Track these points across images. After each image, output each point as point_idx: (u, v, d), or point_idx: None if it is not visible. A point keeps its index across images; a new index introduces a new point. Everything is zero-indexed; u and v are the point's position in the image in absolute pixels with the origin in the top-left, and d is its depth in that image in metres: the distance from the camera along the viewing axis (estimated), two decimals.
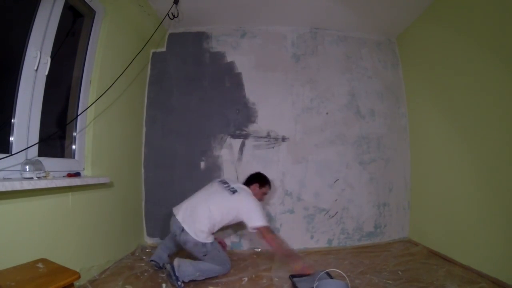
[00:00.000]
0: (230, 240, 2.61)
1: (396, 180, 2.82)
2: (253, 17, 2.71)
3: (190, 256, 1.94)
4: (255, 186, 2.18)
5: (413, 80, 2.81)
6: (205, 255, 1.88)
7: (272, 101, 2.76)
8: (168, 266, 1.78)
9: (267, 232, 1.88)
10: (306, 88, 2.80)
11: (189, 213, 1.91)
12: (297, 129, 2.75)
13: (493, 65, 1.86)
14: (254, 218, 1.87)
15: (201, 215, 1.88)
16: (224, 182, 2.10)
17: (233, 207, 1.93)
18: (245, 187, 2.11)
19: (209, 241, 1.88)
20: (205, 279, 1.87)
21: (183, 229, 1.85)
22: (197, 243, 1.84)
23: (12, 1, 1.54)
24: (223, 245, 2.19)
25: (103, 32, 2.04)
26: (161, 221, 2.66)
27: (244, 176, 2.66)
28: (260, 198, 2.17)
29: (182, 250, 2.05)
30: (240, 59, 2.81)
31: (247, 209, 1.91)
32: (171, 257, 2.04)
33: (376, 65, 2.92)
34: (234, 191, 1.98)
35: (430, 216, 2.51)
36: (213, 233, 1.94)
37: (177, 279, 1.74)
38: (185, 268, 1.80)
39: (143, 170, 2.71)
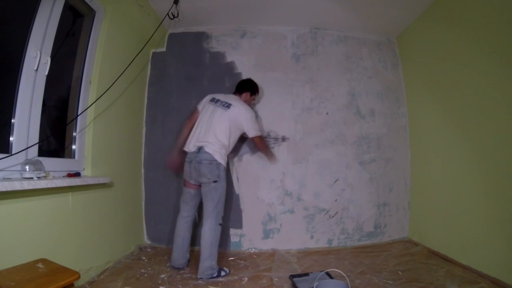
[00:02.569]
0: (230, 239, 2.61)
1: (396, 180, 2.82)
2: (253, 17, 2.71)
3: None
4: (247, 94, 2.28)
5: (413, 80, 2.81)
6: (216, 181, 1.94)
7: (272, 101, 2.76)
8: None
9: (260, 140, 2.21)
10: (306, 88, 2.80)
11: (201, 138, 1.99)
12: (297, 129, 2.75)
13: (493, 65, 1.86)
14: (251, 129, 2.12)
15: (212, 140, 1.97)
16: (216, 100, 2.14)
17: (233, 119, 2.05)
18: (236, 97, 2.19)
19: (224, 163, 1.99)
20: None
21: (199, 149, 1.95)
22: (212, 161, 1.93)
23: (12, 1, 1.54)
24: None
25: (103, 32, 2.04)
26: (161, 221, 2.67)
27: (243, 176, 2.67)
28: (249, 104, 2.31)
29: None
30: (240, 59, 2.81)
31: (244, 119, 2.08)
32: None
33: (376, 65, 2.92)
34: (228, 106, 2.07)
35: (430, 216, 2.51)
36: (227, 156, 2.06)
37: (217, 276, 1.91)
38: (204, 269, 1.90)
39: (143, 170, 2.71)
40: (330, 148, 2.75)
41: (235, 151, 2.71)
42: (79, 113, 1.87)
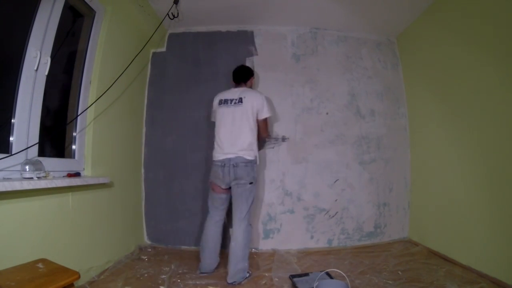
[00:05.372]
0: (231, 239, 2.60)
1: (396, 180, 2.82)
2: (253, 17, 2.71)
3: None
4: (251, 80, 2.26)
5: (413, 80, 2.81)
6: (251, 182, 1.94)
7: (272, 101, 2.76)
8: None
9: (266, 123, 2.15)
10: (306, 88, 2.80)
11: (231, 145, 1.96)
12: (297, 129, 2.75)
13: (492, 65, 1.86)
14: (265, 111, 2.08)
15: (242, 146, 1.95)
16: (225, 101, 2.09)
17: (250, 111, 2.02)
18: (242, 88, 2.15)
19: (256, 157, 1.99)
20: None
21: (235, 164, 1.91)
22: (247, 163, 1.92)
23: (12, 1, 1.54)
24: None
25: (103, 32, 2.04)
26: (161, 221, 2.67)
27: None
28: (252, 86, 2.33)
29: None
30: None
31: (258, 106, 2.05)
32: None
33: (376, 65, 2.92)
34: (240, 100, 2.04)
35: (430, 216, 2.51)
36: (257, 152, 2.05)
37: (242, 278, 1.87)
38: (237, 271, 1.85)
39: (143, 170, 2.71)
40: (330, 148, 2.75)
41: None
42: (79, 113, 1.87)
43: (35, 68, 1.50)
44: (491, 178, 1.91)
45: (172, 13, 2.43)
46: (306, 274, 1.93)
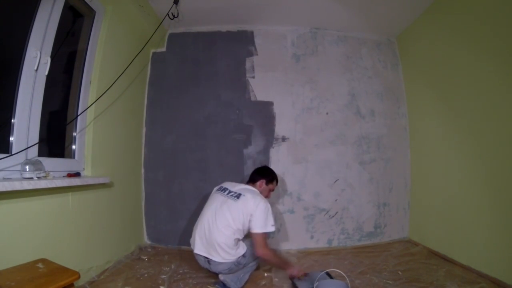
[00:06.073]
0: None
1: (396, 180, 2.82)
2: (253, 17, 2.71)
3: None
4: (262, 182, 1.98)
5: (413, 80, 2.81)
6: (243, 267, 1.78)
7: (272, 101, 2.76)
8: (217, 287, 1.79)
9: (261, 238, 1.73)
10: (306, 88, 2.80)
11: (206, 241, 1.73)
12: (297, 129, 2.75)
13: (493, 65, 1.86)
14: (256, 224, 1.73)
15: (218, 238, 1.69)
16: (224, 189, 1.89)
17: (243, 212, 1.73)
18: (248, 187, 1.91)
19: (241, 254, 1.73)
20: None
21: (209, 261, 1.72)
22: (231, 267, 1.71)
23: (12, 1, 1.54)
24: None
25: (103, 32, 2.04)
26: (161, 221, 2.67)
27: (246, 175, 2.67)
28: (267, 195, 2.00)
29: None
30: None
31: (252, 211, 1.73)
32: None
33: (376, 65, 2.91)
34: (238, 196, 1.78)
35: (430, 216, 2.51)
36: (241, 240, 1.79)
37: None
38: (231, 277, 1.76)
39: (143, 170, 2.71)
40: (330, 148, 2.75)
41: (234, 153, 2.71)
42: (79, 113, 1.87)
43: (35, 68, 1.50)
44: (491, 178, 1.91)
45: (172, 13, 2.43)
46: (306, 274, 1.92)
